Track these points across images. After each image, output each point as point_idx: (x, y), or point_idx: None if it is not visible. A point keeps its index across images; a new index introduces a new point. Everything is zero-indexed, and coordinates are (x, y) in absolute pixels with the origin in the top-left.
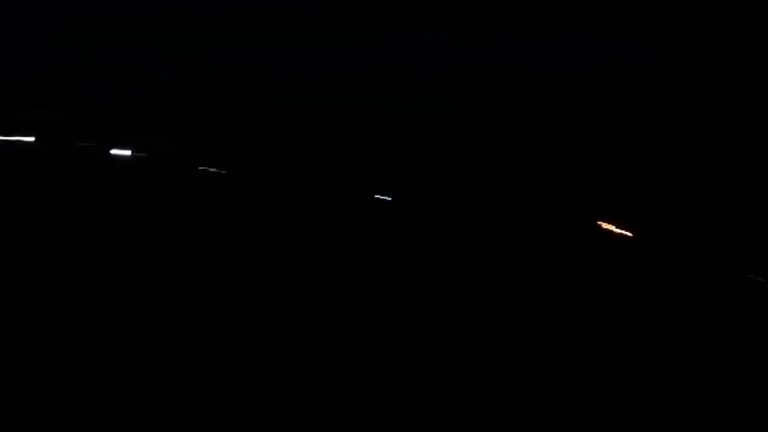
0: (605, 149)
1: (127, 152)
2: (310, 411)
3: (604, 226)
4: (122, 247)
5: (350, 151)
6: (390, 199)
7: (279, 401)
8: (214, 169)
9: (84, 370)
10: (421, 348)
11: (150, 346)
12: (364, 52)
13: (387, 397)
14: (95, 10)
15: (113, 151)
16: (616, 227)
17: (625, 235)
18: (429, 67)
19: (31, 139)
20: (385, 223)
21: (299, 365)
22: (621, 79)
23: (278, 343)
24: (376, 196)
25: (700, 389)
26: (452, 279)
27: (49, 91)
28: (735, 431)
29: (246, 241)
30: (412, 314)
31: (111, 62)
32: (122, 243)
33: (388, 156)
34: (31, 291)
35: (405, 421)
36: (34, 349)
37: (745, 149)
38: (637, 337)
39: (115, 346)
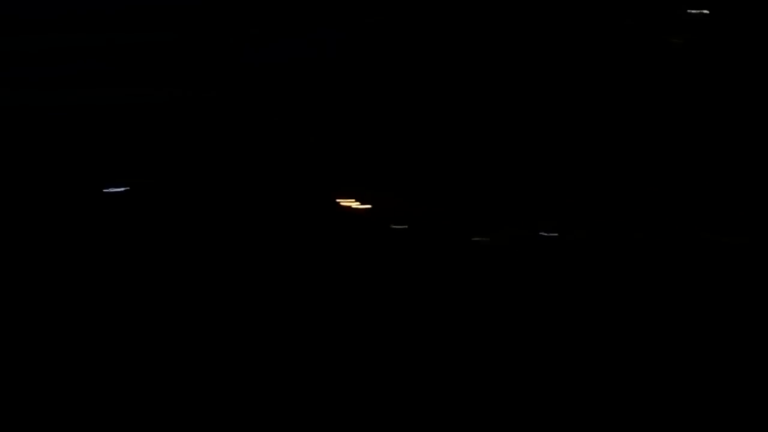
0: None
1: None
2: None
3: (343, 202)
4: None
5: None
6: (122, 190)
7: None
8: None
9: None
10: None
11: None
12: None
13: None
14: None
15: None
16: (355, 202)
17: (364, 209)
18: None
19: None
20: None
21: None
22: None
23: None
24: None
25: (443, 355)
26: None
27: None
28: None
29: None
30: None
31: None
32: None
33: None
34: None
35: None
36: None
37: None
38: (387, 308)
39: None
